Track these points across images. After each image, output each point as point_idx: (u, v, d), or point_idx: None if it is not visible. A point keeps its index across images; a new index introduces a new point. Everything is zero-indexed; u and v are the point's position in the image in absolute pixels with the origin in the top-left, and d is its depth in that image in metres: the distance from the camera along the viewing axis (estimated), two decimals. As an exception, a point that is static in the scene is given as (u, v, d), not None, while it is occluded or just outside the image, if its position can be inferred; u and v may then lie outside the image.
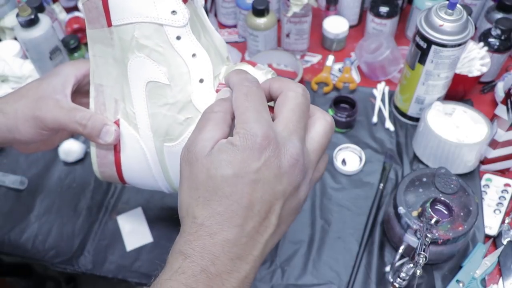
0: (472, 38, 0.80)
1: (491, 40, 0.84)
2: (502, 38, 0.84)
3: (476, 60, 0.83)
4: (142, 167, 0.46)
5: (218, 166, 0.34)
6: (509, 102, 0.71)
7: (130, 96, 0.44)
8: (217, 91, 0.43)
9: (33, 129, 0.46)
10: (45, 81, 0.47)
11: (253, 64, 0.45)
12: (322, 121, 0.38)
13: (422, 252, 0.59)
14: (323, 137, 0.38)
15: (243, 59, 0.99)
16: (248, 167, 0.34)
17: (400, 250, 0.64)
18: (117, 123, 0.45)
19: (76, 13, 1.01)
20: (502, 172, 0.79)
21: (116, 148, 0.46)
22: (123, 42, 0.42)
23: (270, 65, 0.97)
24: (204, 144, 0.35)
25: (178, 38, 0.41)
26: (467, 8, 0.87)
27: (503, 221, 0.72)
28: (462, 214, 0.63)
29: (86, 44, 0.62)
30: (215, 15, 1.06)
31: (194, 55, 0.42)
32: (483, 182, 0.77)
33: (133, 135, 0.44)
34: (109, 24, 0.42)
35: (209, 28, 0.45)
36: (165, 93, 0.42)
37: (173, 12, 0.41)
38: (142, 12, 0.41)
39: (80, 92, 0.50)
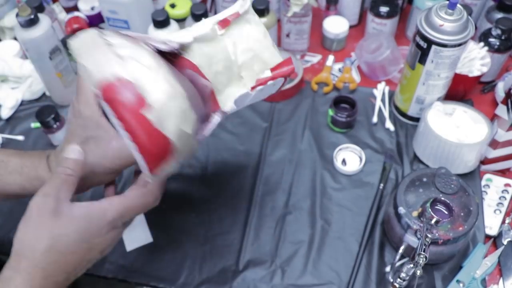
0: (473, 38, 0.80)
1: (491, 40, 0.84)
2: (503, 38, 0.83)
3: (476, 60, 0.83)
4: None
5: (75, 229, 0.45)
6: (509, 102, 0.70)
7: None
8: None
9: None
10: None
11: None
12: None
13: (422, 252, 0.59)
14: None
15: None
16: (93, 238, 0.46)
17: (400, 250, 0.64)
18: None
19: (76, 13, 1.01)
20: (503, 172, 0.78)
21: None
22: None
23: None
24: (48, 200, 0.45)
25: None
26: (467, 8, 0.86)
27: (503, 221, 0.72)
28: (462, 214, 0.63)
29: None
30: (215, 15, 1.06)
31: None
32: (483, 182, 0.77)
33: None
34: None
35: None
36: None
37: None
38: None
39: None
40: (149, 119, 0.38)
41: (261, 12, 0.89)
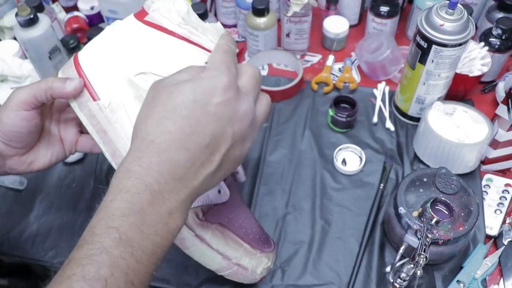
0: (473, 38, 0.80)
1: (492, 39, 0.84)
2: (503, 37, 0.83)
3: (477, 59, 0.83)
4: None
5: (181, 91, 0.38)
6: (510, 102, 0.70)
7: None
8: None
9: (11, 112, 0.48)
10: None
11: None
12: (265, 100, 0.44)
13: (423, 253, 0.59)
14: (267, 112, 0.44)
15: (243, 59, 0.99)
16: (209, 98, 0.38)
17: (401, 251, 0.64)
18: None
19: (75, 13, 1.01)
20: (503, 172, 0.78)
21: None
22: None
23: (270, 65, 0.97)
24: (174, 77, 0.40)
25: None
26: (468, 8, 0.86)
27: (504, 222, 0.72)
28: (462, 214, 0.63)
29: (85, 43, 0.61)
30: (215, 15, 1.06)
31: None
32: (483, 182, 0.76)
33: None
34: None
35: None
36: None
37: None
38: None
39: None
40: None
41: (261, 12, 0.89)
